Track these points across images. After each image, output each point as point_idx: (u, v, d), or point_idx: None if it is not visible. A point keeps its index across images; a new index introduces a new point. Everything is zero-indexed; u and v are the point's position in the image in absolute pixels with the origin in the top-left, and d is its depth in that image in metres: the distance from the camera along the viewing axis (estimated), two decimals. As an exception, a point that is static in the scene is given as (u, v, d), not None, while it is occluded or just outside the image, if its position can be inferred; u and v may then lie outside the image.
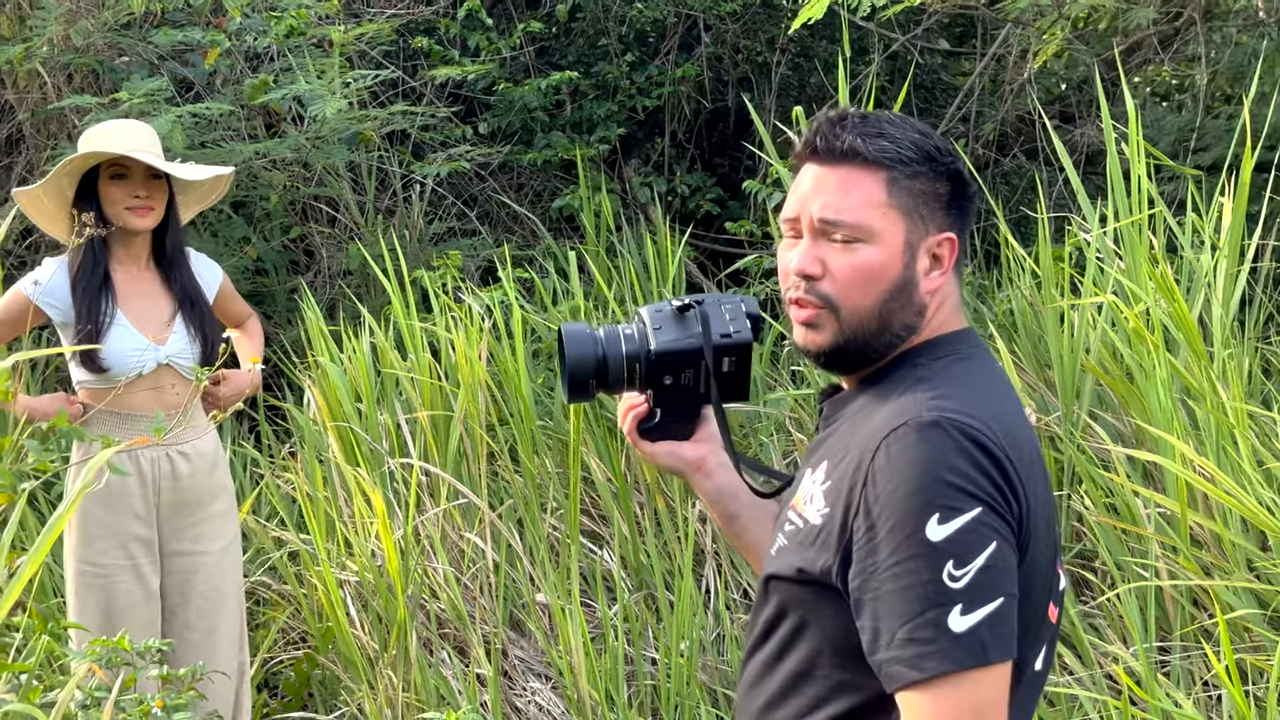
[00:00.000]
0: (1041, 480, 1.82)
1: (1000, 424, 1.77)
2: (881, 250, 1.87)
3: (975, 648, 1.66)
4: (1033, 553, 1.76)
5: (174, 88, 6.31)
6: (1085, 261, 5.07)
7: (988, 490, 1.70)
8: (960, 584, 1.67)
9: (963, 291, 1.96)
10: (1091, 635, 4.33)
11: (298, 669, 4.82)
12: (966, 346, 1.90)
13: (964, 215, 1.91)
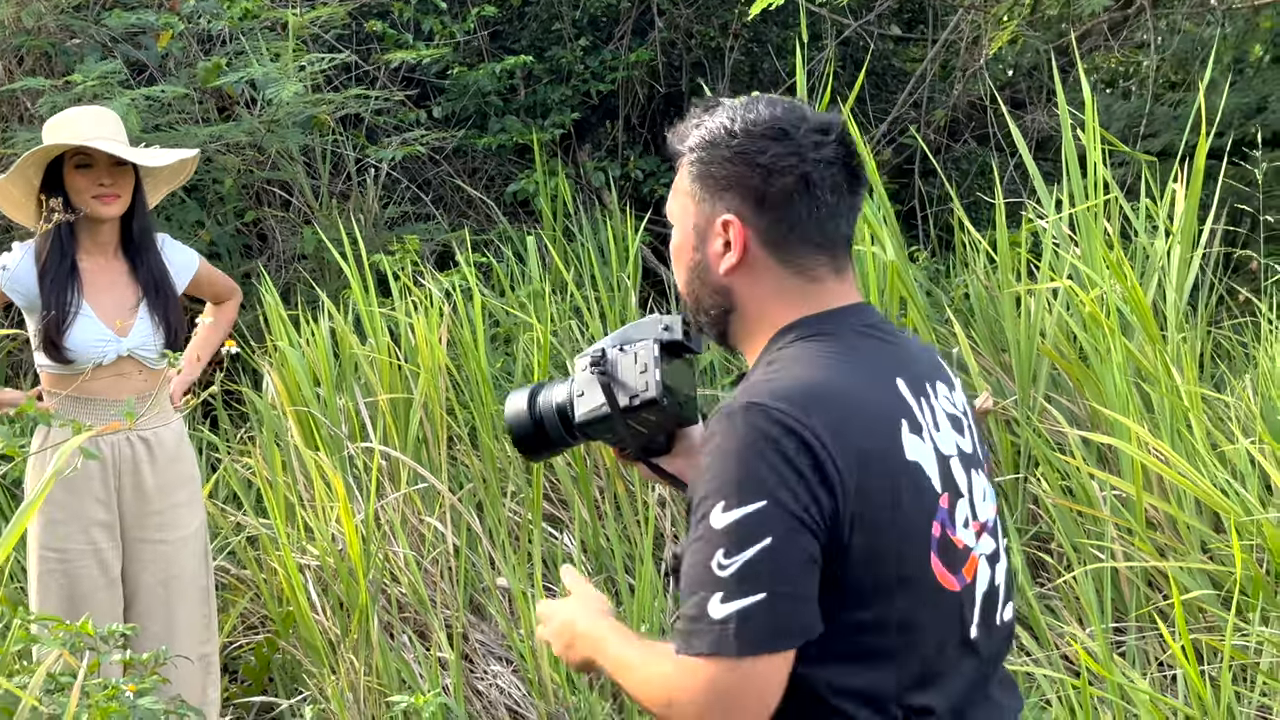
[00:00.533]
0: (895, 455, 1.82)
1: (824, 409, 1.78)
2: (679, 234, 1.99)
3: (723, 638, 1.71)
4: (872, 526, 1.77)
5: (127, 71, 6.26)
6: (1041, 246, 5.13)
7: (780, 484, 1.73)
8: (725, 573, 1.71)
9: (824, 273, 1.94)
10: (1048, 616, 4.39)
11: (258, 653, 4.82)
12: (829, 326, 1.91)
13: (756, 198, 1.91)
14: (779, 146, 1.90)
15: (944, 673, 1.86)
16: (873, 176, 5.13)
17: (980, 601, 1.90)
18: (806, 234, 1.92)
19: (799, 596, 1.73)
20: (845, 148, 1.94)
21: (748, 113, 1.93)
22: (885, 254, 4.89)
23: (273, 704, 4.75)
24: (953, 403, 1.98)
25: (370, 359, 5.31)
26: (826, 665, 1.80)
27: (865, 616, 1.80)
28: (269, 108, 6.33)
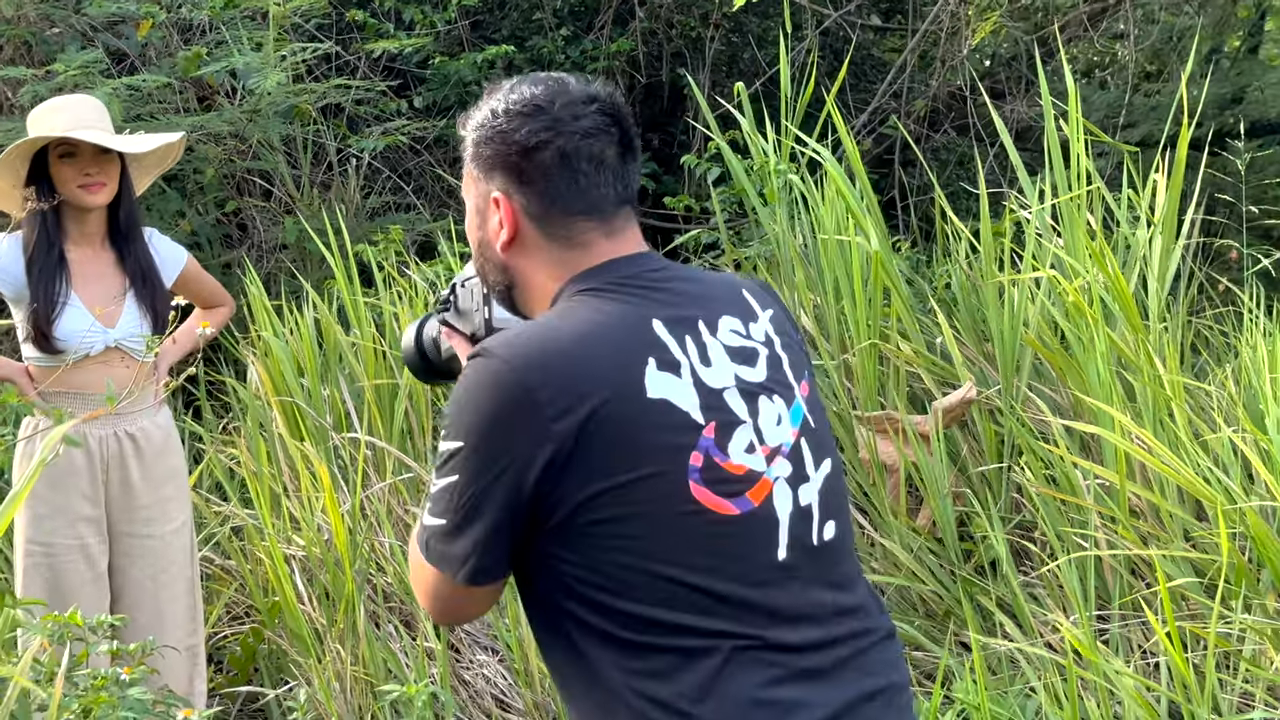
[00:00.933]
0: (633, 395, 1.89)
1: (544, 359, 1.88)
2: (468, 215, 2.11)
3: (423, 541, 1.95)
4: (600, 466, 1.86)
5: (108, 60, 6.24)
6: (1023, 236, 5.15)
7: (476, 432, 1.87)
8: (432, 490, 1.93)
9: (593, 238, 2.01)
10: (1032, 604, 4.41)
11: (244, 644, 4.81)
12: (590, 283, 1.99)
13: (517, 174, 2.00)
14: (534, 123, 1.99)
15: (747, 597, 1.91)
16: (855, 166, 5.15)
17: (786, 522, 1.95)
18: (569, 205, 2.00)
19: (467, 536, 1.89)
20: (609, 117, 2.02)
21: (511, 93, 2.03)
22: (869, 244, 4.91)
23: (258, 694, 4.75)
24: (744, 334, 2.02)
25: (355, 348, 5.31)
26: (613, 611, 1.89)
27: (620, 555, 1.88)
28: (250, 97, 6.31)
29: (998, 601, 4.47)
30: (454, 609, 2.00)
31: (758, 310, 2.08)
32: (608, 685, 1.90)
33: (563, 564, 1.90)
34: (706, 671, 1.88)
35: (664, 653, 1.88)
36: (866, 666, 1.99)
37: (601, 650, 1.90)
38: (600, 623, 1.90)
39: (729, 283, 2.11)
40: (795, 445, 2.00)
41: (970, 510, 4.67)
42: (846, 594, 2.02)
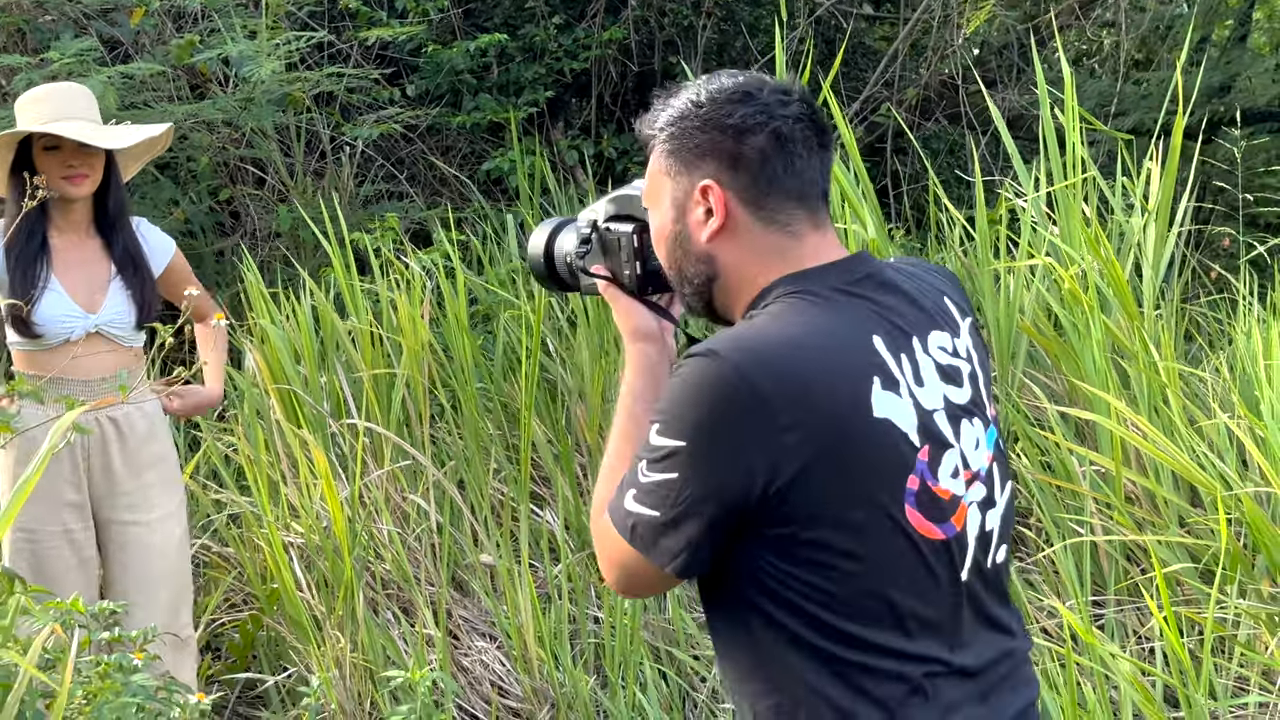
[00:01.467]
0: (860, 413, 1.88)
1: (781, 368, 1.86)
2: (657, 216, 2.07)
3: (626, 528, 1.94)
4: (825, 482, 1.86)
5: (103, 48, 6.23)
6: (1017, 224, 5.17)
7: (704, 434, 1.87)
8: (642, 479, 1.92)
9: (803, 228, 2.00)
10: (1028, 590, 4.44)
11: (243, 631, 4.82)
12: (809, 284, 1.97)
13: (731, 159, 1.99)
14: (746, 108, 1.97)
15: (937, 619, 1.93)
16: (852, 153, 5.16)
17: (973, 546, 1.96)
18: (784, 188, 1.98)
19: (682, 533, 1.90)
20: (809, 105, 2.01)
21: (710, 84, 2.01)
22: (865, 231, 4.92)
23: (257, 680, 4.77)
24: (951, 350, 2.01)
25: (352, 336, 5.31)
26: (813, 620, 1.89)
27: (833, 571, 1.88)
28: (244, 85, 6.31)
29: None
30: (644, 588, 2.03)
31: (959, 321, 2.07)
32: (792, 689, 1.92)
33: (770, 568, 1.90)
34: (899, 691, 1.91)
35: (860, 670, 1.90)
36: (1016, 686, 2.02)
37: (791, 652, 1.92)
38: (797, 627, 1.91)
39: (933, 288, 2.09)
40: (989, 470, 2.01)
41: (966, 496, 4.69)
42: (1005, 613, 2.05)
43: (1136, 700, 3.81)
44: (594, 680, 4.54)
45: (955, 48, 7.59)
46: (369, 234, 5.98)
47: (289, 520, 4.91)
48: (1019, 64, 8.18)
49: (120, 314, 4.11)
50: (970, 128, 7.76)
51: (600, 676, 4.61)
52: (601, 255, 2.22)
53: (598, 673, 4.63)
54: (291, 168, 6.96)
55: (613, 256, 2.20)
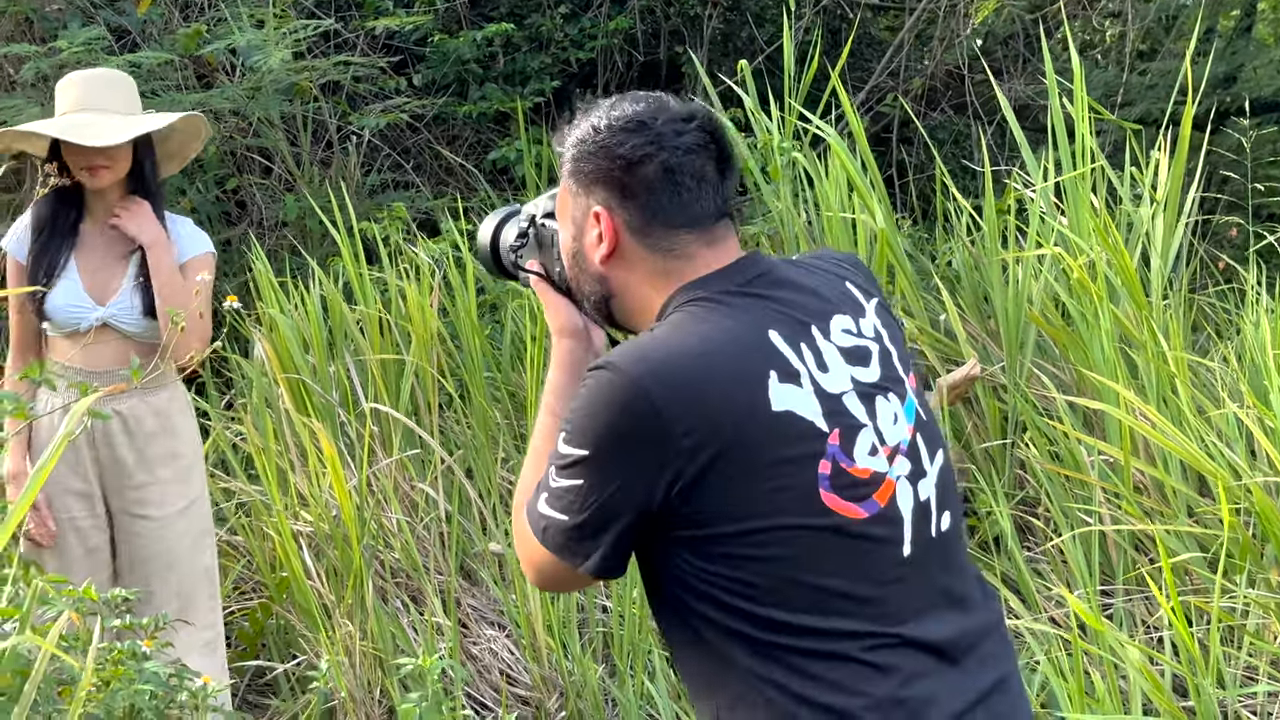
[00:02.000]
0: (759, 409, 1.92)
1: (672, 375, 1.91)
2: (563, 228, 2.15)
3: (539, 529, 2.01)
4: (729, 480, 1.91)
5: (110, 37, 6.23)
6: (1023, 213, 5.17)
7: (603, 443, 1.93)
8: (552, 484, 1.98)
9: (693, 249, 2.04)
10: (1036, 580, 4.44)
11: (252, 619, 4.83)
12: (704, 291, 2.02)
13: (620, 188, 2.04)
14: (638, 138, 2.02)
15: (877, 595, 1.95)
16: (861, 143, 5.17)
17: (909, 519, 1.99)
18: (670, 219, 2.04)
19: (591, 537, 1.96)
20: (708, 134, 2.06)
21: (612, 110, 2.07)
22: (874, 221, 4.93)
23: (266, 668, 4.77)
24: (855, 331, 2.05)
25: (360, 325, 5.32)
26: (749, 615, 1.93)
27: (755, 565, 1.92)
28: (251, 75, 6.31)
29: (1002, 577, 4.50)
30: (562, 585, 2.08)
31: (864, 303, 2.10)
32: (745, 683, 1.95)
33: (695, 571, 1.94)
34: (848, 671, 1.93)
35: (805, 655, 1.93)
36: (985, 657, 2.04)
37: (738, 650, 1.94)
38: (736, 625, 1.94)
39: (834, 276, 2.12)
40: (912, 442, 2.04)
41: (974, 486, 4.70)
42: (962, 583, 2.07)
43: (1146, 689, 3.81)
44: (602, 669, 4.55)
45: (962, 37, 7.58)
46: (377, 223, 5.98)
47: (298, 509, 4.92)
48: (1024, 54, 8.18)
49: (127, 307, 4.07)
50: (976, 118, 7.76)
51: (609, 665, 4.62)
52: (537, 250, 2.27)
53: (606, 661, 4.64)
54: (298, 157, 6.96)
55: (546, 252, 2.25)
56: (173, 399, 4.21)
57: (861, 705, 1.92)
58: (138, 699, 3.08)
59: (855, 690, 1.92)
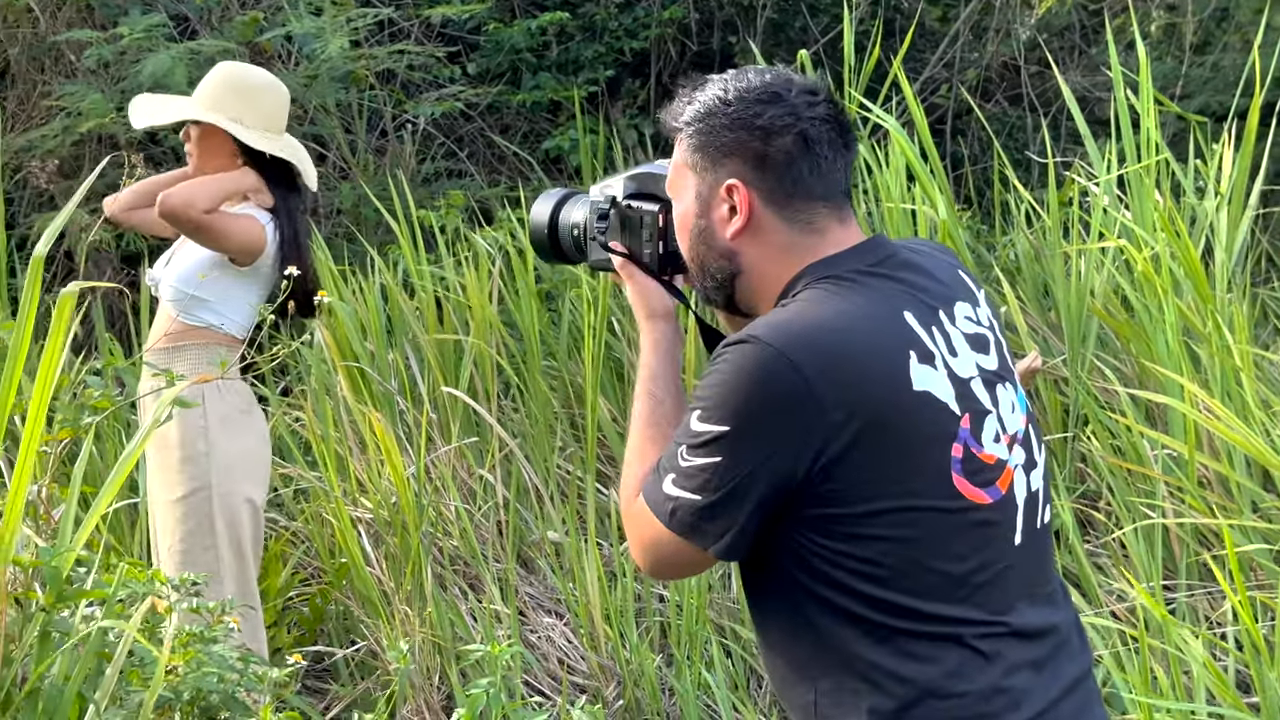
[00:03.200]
0: (901, 388, 1.91)
1: (819, 350, 1.89)
2: (680, 206, 2.09)
3: (665, 511, 1.95)
4: (872, 459, 1.89)
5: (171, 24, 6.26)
6: (1087, 206, 5.14)
7: (747, 419, 1.89)
8: (683, 464, 1.93)
9: (827, 223, 2.02)
10: (1098, 574, 4.42)
11: (312, 605, 4.86)
12: (837, 269, 1.99)
13: (757, 160, 2.01)
14: (775, 109, 2.00)
15: (991, 582, 1.94)
16: (923, 133, 5.15)
17: (1022, 508, 1.99)
18: (810, 189, 2.01)
19: (726, 515, 1.91)
20: (834, 106, 2.04)
21: (738, 81, 2.04)
22: (936, 212, 4.91)
23: (324, 653, 4.80)
24: (975, 320, 2.04)
25: (419, 313, 5.33)
26: (867, 597, 1.91)
27: (884, 545, 1.90)
28: (309, 63, 6.33)
29: (1063, 571, 4.48)
30: (680, 570, 2.05)
31: (976, 292, 2.10)
32: (850, 668, 1.93)
33: (819, 550, 1.92)
34: (957, 657, 1.92)
35: (918, 639, 1.92)
36: (1072, 653, 2.03)
37: (850, 633, 1.93)
38: (854, 607, 1.92)
39: (947, 264, 2.12)
40: (1026, 432, 2.04)
41: (1035, 479, 4.67)
42: (1052, 577, 2.07)
43: (1210, 684, 3.79)
44: (660, 658, 4.56)
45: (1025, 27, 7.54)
46: (434, 211, 5.99)
47: (357, 495, 4.94)
48: (1080, 45, 8.13)
49: (162, 264, 4.21)
50: (1031, 109, 7.72)
51: (666, 654, 4.62)
52: (619, 233, 2.22)
53: (663, 650, 4.64)
54: (353, 145, 6.98)
55: (633, 234, 2.20)
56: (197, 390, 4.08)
57: (966, 691, 1.91)
58: (205, 682, 3.10)
59: (963, 675, 1.91)
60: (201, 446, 4.13)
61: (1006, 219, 6.01)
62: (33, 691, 2.42)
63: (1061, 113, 7.71)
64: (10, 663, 2.42)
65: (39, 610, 2.45)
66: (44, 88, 6.25)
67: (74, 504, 2.58)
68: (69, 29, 6.13)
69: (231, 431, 4.17)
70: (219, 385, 4.07)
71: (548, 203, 2.33)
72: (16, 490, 2.39)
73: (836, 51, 7.65)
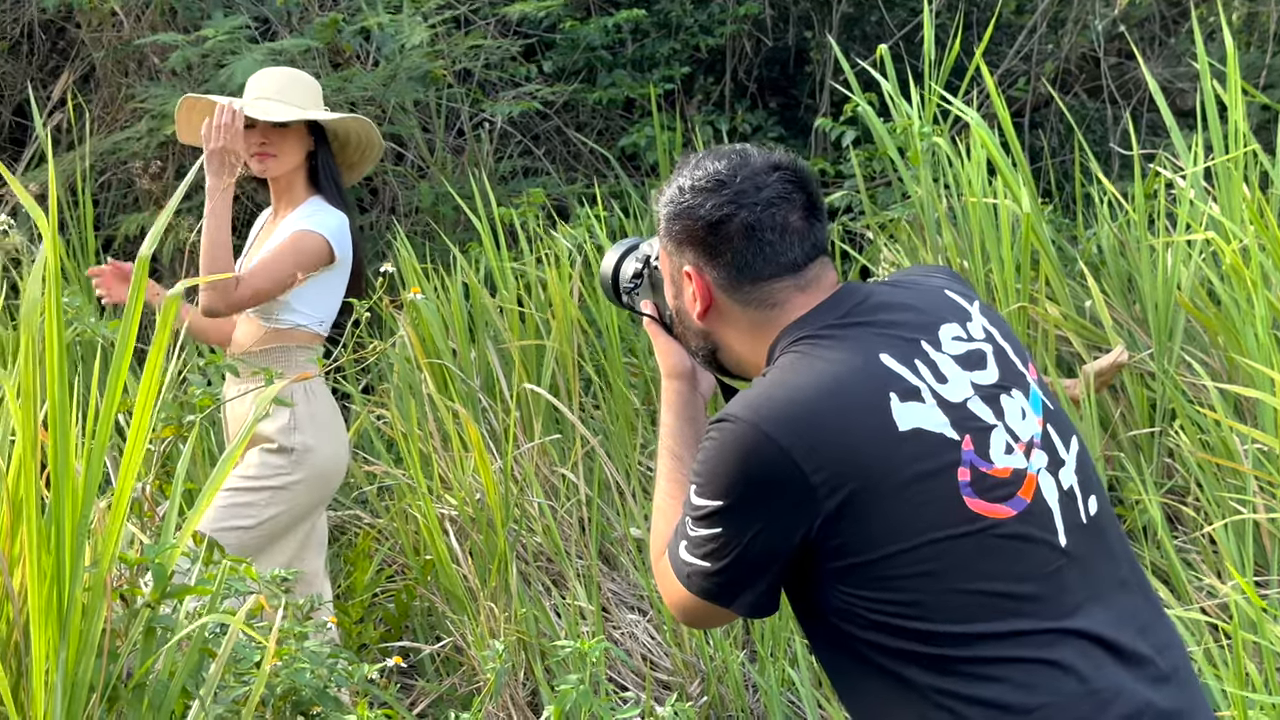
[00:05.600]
0: (885, 432, 1.95)
1: (795, 419, 1.94)
2: (667, 286, 2.21)
3: (684, 576, 2.03)
4: (870, 508, 1.93)
5: (253, 25, 6.33)
6: (1171, 198, 5.09)
7: (737, 493, 1.96)
8: (691, 533, 2.01)
9: (786, 296, 2.08)
10: (1187, 570, 4.38)
11: (398, 601, 4.89)
12: (808, 330, 2.05)
13: (706, 249, 2.09)
14: (716, 198, 2.07)
15: (1041, 591, 1.95)
16: (1006, 126, 5.12)
17: (1058, 509, 2.00)
18: (758, 272, 2.08)
19: (738, 581, 1.99)
20: (791, 184, 2.08)
21: (695, 169, 2.11)
22: (1019, 207, 4.87)
23: (410, 649, 4.83)
24: (966, 336, 2.06)
25: (501, 311, 5.36)
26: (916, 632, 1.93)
27: (914, 582, 1.92)
28: (388, 62, 6.37)
29: (1151, 567, 4.44)
30: (711, 623, 2.14)
31: (966, 306, 2.11)
32: (926, 700, 1.95)
33: (854, 600, 1.95)
34: (1026, 670, 1.93)
35: (981, 662, 1.93)
36: (1154, 641, 2.02)
37: (913, 670, 1.95)
38: (908, 645, 1.95)
39: (932, 288, 2.14)
40: (1044, 433, 2.04)
41: (1122, 475, 4.64)
42: (1120, 566, 2.06)
43: (1305, 681, 3.75)
44: (744, 654, 4.55)
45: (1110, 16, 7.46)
46: (515, 209, 6.02)
47: (441, 492, 4.97)
48: (1160, 36, 8.05)
49: None
50: (1111, 101, 7.66)
51: (749, 650, 4.62)
52: (651, 291, 2.33)
53: (747, 647, 4.64)
54: (431, 144, 7.02)
55: (659, 294, 2.30)
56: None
57: (1044, 702, 1.91)
58: (300, 677, 3.13)
59: (1037, 688, 1.92)
60: (286, 443, 4.16)
61: (1088, 212, 5.96)
62: (138, 686, 2.45)
63: (1142, 104, 7.65)
64: (116, 658, 2.45)
65: (144, 606, 2.48)
66: (128, 90, 6.32)
67: (177, 501, 2.61)
68: (152, 32, 6.20)
69: (318, 431, 4.19)
70: (306, 386, 4.10)
71: (614, 255, 2.44)
72: (122, 488, 2.43)
73: (913, 45, 7.63)
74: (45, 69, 6.92)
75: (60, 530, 2.31)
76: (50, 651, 2.32)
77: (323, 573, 4.33)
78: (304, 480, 4.15)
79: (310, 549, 4.28)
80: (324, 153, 4.22)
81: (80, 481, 2.35)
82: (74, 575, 2.33)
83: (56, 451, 2.30)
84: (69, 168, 5.94)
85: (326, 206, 4.23)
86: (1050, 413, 2.07)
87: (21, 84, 6.68)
